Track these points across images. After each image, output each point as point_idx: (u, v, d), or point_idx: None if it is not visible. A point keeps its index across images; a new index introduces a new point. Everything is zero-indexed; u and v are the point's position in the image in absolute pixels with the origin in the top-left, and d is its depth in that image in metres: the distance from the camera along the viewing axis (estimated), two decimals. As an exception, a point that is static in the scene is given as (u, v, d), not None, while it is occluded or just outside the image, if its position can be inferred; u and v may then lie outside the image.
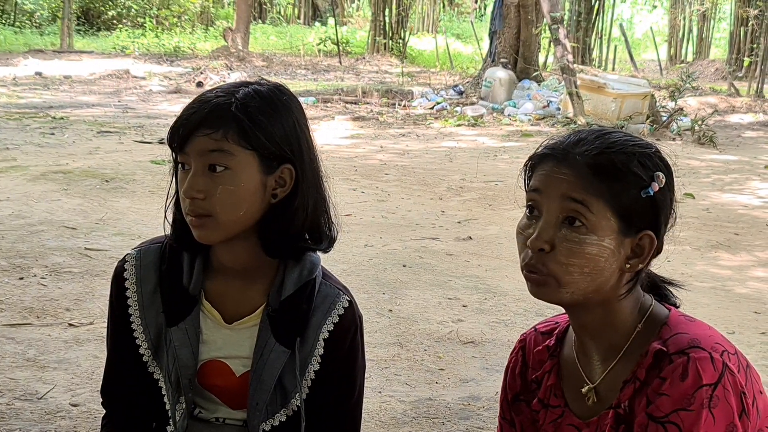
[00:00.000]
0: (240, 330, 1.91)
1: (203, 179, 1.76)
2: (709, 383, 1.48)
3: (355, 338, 1.95)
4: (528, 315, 4.96)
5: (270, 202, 1.83)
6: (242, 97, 1.79)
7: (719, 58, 28.29)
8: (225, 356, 1.92)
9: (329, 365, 1.92)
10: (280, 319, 1.89)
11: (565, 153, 1.59)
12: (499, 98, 16.08)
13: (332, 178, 2.00)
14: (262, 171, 1.80)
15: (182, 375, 1.90)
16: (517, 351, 1.86)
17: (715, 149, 12.63)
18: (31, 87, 16.39)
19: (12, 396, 3.58)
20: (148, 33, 27.22)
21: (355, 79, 20.52)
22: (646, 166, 1.58)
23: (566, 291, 1.57)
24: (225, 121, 1.76)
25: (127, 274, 1.95)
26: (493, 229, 7.18)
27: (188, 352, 1.90)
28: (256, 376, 1.89)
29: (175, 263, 1.93)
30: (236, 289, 1.91)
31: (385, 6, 26.48)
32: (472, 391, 3.93)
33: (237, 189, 1.77)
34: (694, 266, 6.15)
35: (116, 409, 2.02)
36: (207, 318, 1.92)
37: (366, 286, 5.34)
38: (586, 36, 25.53)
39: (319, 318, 1.91)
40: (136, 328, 1.94)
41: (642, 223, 1.58)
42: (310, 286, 1.91)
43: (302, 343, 1.90)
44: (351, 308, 1.94)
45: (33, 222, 6.30)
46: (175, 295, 1.91)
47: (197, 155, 1.76)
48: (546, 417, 1.75)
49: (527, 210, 1.63)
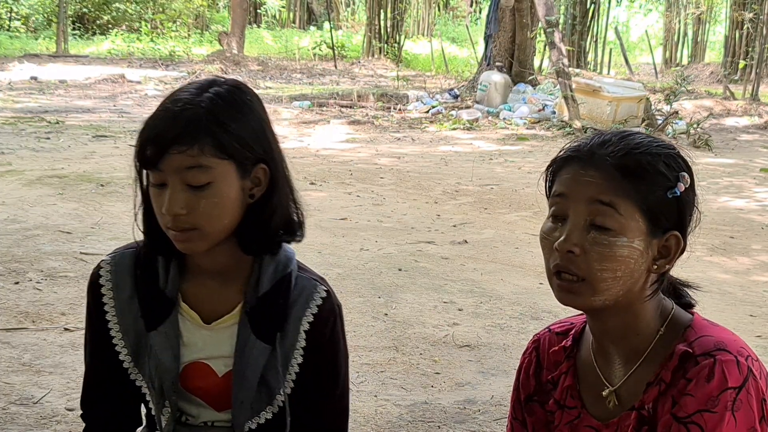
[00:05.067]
0: (219, 330, 1.90)
1: (184, 195, 1.73)
2: (734, 386, 1.48)
3: (335, 327, 1.94)
4: (524, 318, 4.96)
5: (248, 203, 1.82)
6: (209, 106, 1.74)
7: (714, 61, 28.34)
8: (206, 357, 1.91)
9: (312, 357, 1.92)
10: (259, 315, 1.88)
11: (591, 155, 1.57)
12: (494, 102, 16.09)
13: (327, 182, 2.00)
14: (240, 176, 1.78)
15: (165, 379, 1.89)
16: (530, 351, 1.84)
17: (711, 152, 12.64)
18: (26, 91, 16.37)
19: (7, 401, 3.57)
20: (143, 37, 27.21)
21: (350, 83, 20.53)
22: (671, 166, 1.57)
23: (599, 298, 1.55)
24: (199, 136, 1.71)
25: (103, 281, 1.93)
26: (489, 232, 7.19)
27: (169, 355, 1.89)
28: (238, 374, 1.88)
29: (151, 267, 1.91)
30: (213, 289, 1.90)
31: (380, 10, 26.51)
32: (468, 394, 3.92)
33: (220, 200, 1.75)
34: (690, 270, 6.14)
35: (97, 421, 2.00)
36: (186, 320, 1.91)
37: (362, 289, 5.34)
38: (582, 39, 25.56)
39: (298, 311, 1.90)
40: (115, 334, 1.93)
41: (669, 224, 1.57)
42: (286, 281, 1.90)
43: (283, 338, 1.89)
44: (329, 298, 1.93)
45: (28, 226, 6.29)
46: (153, 299, 1.90)
47: (174, 172, 1.72)
48: (562, 418, 1.74)
49: (551, 215, 1.61)
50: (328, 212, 7.45)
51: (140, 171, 1.80)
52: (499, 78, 16.47)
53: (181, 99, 1.75)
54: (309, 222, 2.04)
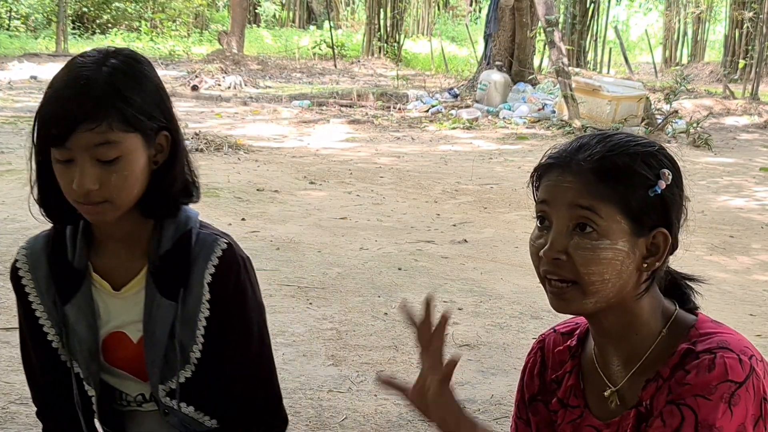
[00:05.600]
0: (128, 296, 1.92)
1: (94, 170, 1.73)
2: (735, 381, 1.48)
3: (239, 277, 1.93)
4: (523, 318, 4.96)
5: (152, 170, 1.83)
6: (111, 80, 1.74)
7: (714, 60, 28.33)
8: (121, 325, 1.93)
9: (218, 309, 1.92)
10: (162, 274, 1.90)
11: (568, 161, 1.59)
12: (494, 101, 16.09)
13: (327, 181, 2.00)
14: (146, 147, 1.79)
15: (83, 349, 1.91)
16: (535, 351, 1.85)
17: (710, 152, 12.65)
18: (26, 91, 16.36)
19: (7, 400, 3.57)
20: (143, 37, 27.19)
21: (350, 83, 20.52)
22: (650, 165, 1.57)
23: (590, 301, 1.56)
24: (105, 112, 1.71)
25: (20, 264, 1.96)
26: (489, 232, 7.19)
27: (84, 326, 1.91)
28: (148, 334, 1.90)
29: (60, 243, 1.93)
30: (120, 256, 1.92)
31: (380, 9, 26.50)
32: (468, 394, 3.92)
33: (130, 173, 1.76)
34: (690, 269, 6.13)
35: (53, 416, 2.02)
36: (98, 290, 1.93)
37: (361, 289, 5.34)
38: (581, 39, 25.54)
39: (200, 264, 1.90)
40: (41, 315, 1.96)
41: (654, 222, 1.57)
42: (186, 237, 1.92)
43: (187, 294, 1.90)
44: (230, 249, 1.93)
45: (28, 226, 6.29)
46: (64, 273, 1.92)
47: (83, 150, 1.72)
48: (565, 417, 1.74)
49: (537, 221, 1.64)
50: (327, 211, 7.44)
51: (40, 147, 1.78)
52: (499, 77, 16.46)
53: (82, 75, 1.74)
54: (308, 221, 2.04)
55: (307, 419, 3.57)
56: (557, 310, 1.60)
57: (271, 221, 6.82)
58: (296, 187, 8.54)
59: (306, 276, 5.57)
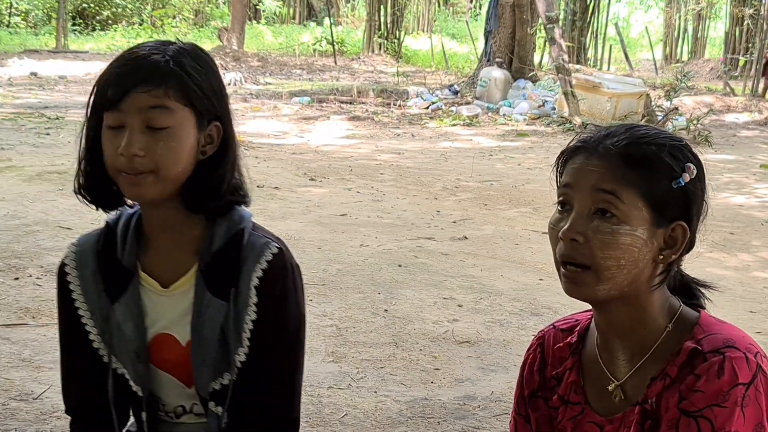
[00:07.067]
0: (177, 295, 1.89)
1: (143, 136, 1.72)
2: (744, 382, 1.49)
3: (285, 284, 1.90)
4: (523, 314, 4.96)
5: (198, 159, 1.81)
6: (175, 55, 1.76)
7: (714, 57, 28.33)
8: (168, 326, 1.90)
9: (262, 313, 1.88)
10: (213, 272, 1.87)
11: (596, 145, 1.59)
12: (494, 98, 16.09)
13: (327, 178, 2.00)
14: (197, 127, 1.78)
15: (130, 349, 1.89)
16: (535, 348, 1.84)
17: (711, 148, 12.64)
18: (26, 87, 16.37)
19: (8, 396, 3.57)
20: (143, 33, 27.18)
21: (350, 79, 20.52)
22: (677, 157, 1.58)
23: (604, 287, 1.56)
24: (165, 78, 1.72)
25: (68, 260, 1.95)
26: (489, 228, 7.19)
27: (131, 326, 1.88)
28: (196, 333, 1.87)
29: (111, 241, 1.92)
30: (168, 254, 1.89)
31: (380, 5, 26.51)
32: (468, 390, 3.93)
33: (178, 145, 1.74)
34: (690, 266, 6.14)
35: (84, 415, 2.00)
36: (146, 289, 1.90)
37: (361, 285, 5.34)
38: (582, 35, 25.54)
39: (249, 266, 1.87)
40: (84, 314, 1.94)
41: (674, 214, 1.58)
42: (238, 237, 1.89)
43: (237, 294, 1.87)
44: (281, 254, 1.90)
45: (28, 222, 6.30)
46: (113, 271, 1.90)
47: (136, 112, 1.72)
48: (565, 413, 1.74)
49: (558, 205, 1.63)
50: (327, 208, 7.44)
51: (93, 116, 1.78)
52: (499, 74, 16.47)
53: (146, 47, 1.77)
54: (308, 218, 2.04)
55: (307, 416, 3.57)
56: (569, 294, 1.59)
57: (271, 218, 6.81)
58: (296, 184, 8.53)
59: (306, 272, 5.53)
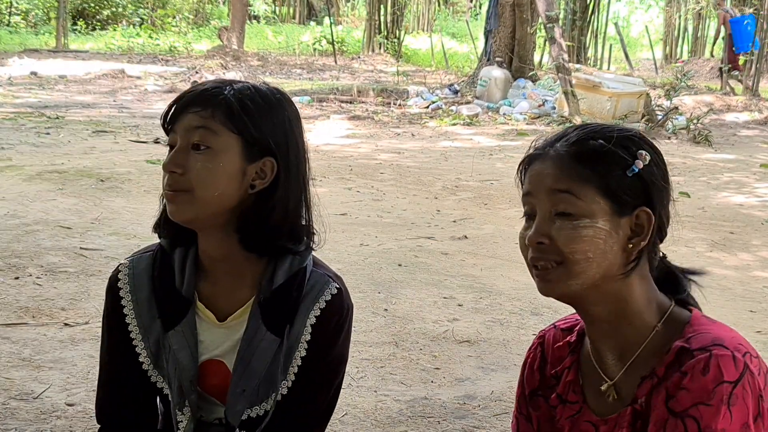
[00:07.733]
0: (232, 326, 1.91)
1: (184, 155, 1.78)
2: (730, 380, 1.49)
3: (340, 324, 1.92)
4: (523, 314, 4.96)
5: (248, 192, 1.83)
6: (238, 87, 1.83)
7: (715, 56, 28.30)
8: (220, 354, 1.92)
9: (312, 351, 1.90)
10: (271, 307, 1.89)
11: (548, 149, 1.63)
12: (494, 97, 16.08)
13: (327, 178, 2.01)
14: (243, 157, 1.81)
15: (183, 378, 1.89)
16: (535, 347, 1.86)
17: (711, 148, 12.64)
18: (26, 87, 16.36)
19: (7, 396, 3.57)
20: (143, 33, 27.18)
21: (350, 79, 20.51)
22: (627, 146, 1.60)
23: (576, 281, 1.58)
24: (215, 102, 1.80)
25: (121, 284, 1.94)
26: (489, 228, 7.19)
27: (187, 354, 1.89)
28: (241, 361, 1.88)
29: (167, 268, 1.93)
30: (226, 287, 1.91)
31: (380, 5, 26.49)
32: (468, 390, 3.92)
33: (215, 168, 1.78)
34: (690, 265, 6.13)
35: (116, 425, 2.00)
36: (201, 319, 1.92)
37: (361, 285, 5.34)
38: (582, 35, 25.48)
39: (308, 304, 1.90)
40: (135, 336, 1.94)
41: (635, 202, 1.59)
42: (301, 274, 1.90)
43: (291, 331, 1.89)
44: (340, 295, 1.92)
45: (28, 222, 6.29)
46: (170, 299, 1.91)
47: (184, 132, 1.79)
48: (563, 412, 1.75)
49: (525, 215, 1.66)
50: (327, 207, 7.35)
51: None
52: (499, 73, 16.45)
53: (215, 81, 1.88)
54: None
55: (307, 415, 3.57)
56: (543, 293, 1.62)
57: (271, 217, 6.79)
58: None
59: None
